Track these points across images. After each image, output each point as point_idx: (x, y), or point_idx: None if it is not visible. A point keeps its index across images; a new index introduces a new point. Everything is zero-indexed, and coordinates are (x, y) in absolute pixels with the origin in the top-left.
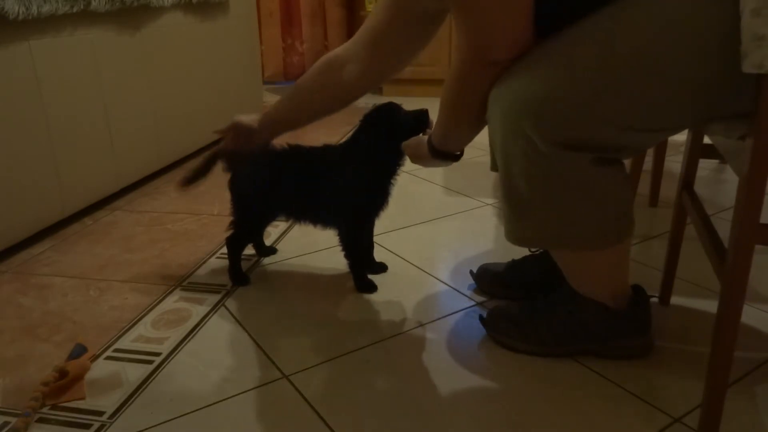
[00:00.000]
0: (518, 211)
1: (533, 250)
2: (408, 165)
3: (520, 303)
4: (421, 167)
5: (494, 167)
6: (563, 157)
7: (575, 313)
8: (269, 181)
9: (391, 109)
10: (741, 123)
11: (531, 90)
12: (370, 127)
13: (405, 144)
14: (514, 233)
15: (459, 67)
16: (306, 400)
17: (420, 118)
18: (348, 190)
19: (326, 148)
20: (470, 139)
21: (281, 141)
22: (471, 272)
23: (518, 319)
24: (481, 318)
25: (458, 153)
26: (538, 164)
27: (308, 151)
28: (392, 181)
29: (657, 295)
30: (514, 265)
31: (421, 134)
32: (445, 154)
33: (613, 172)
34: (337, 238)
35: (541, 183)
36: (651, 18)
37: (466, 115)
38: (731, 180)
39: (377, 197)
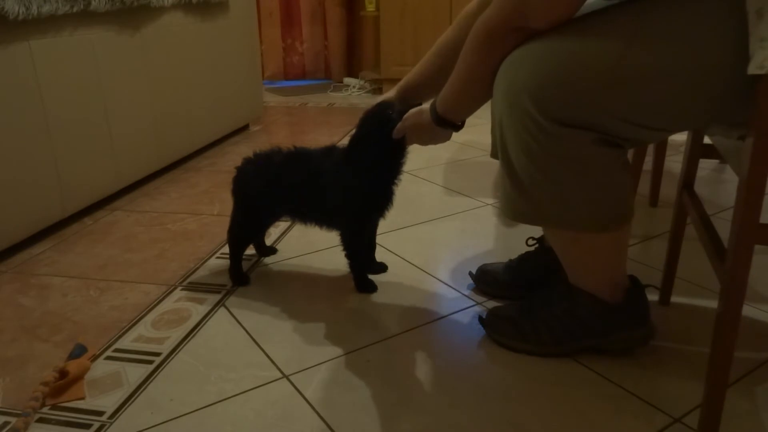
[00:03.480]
0: (517, 186)
1: (530, 244)
2: (409, 165)
3: (518, 303)
4: (421, 168)
5: (494, 155)
6: (564, 134)
7: (572, 311)
8: (272, 181)
9: (381, 109)
10: (741, 125)
11: (539, 68)
12: (364, 130)
13: (406, 115)
14: (513, 209)
15: (483, 31)
16: (306, 400)
17: None
18: (349, 192)
19: (329, 150)
20: (475, 109)
21: (286, 142)
22: (470, 273)
23: (517, 319)
24: (480, 318)
25: (459, 123)
26: (539, 139)
27: (311, 152)
28: (394, 183)
29: (656, 286)
30: (512, 265)
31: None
32: (448, 122)
33: (614, 154)
34: (339, 238)
35: (540, 158)
36: (670, 24)
37: (478, 83)
38: (731, 180)
39: (378, 200)
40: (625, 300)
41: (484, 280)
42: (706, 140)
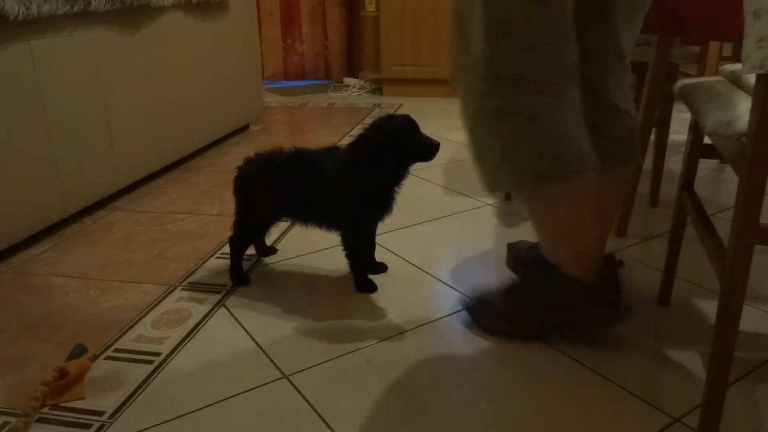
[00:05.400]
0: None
1: None
2: None
3: (499, 287)
4: (421, 168)
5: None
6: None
7: (546, 285)
8: (274, 182)
9: (404, 126)
10: None
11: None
12: (376, 137)
13: None
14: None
15: None
16: (306, 400)
17: (429, 149)
18: (349, 196)
19: (331, 151)
20: None
21: (286, 142)
22: (509, 245)
23: (497, 301)
24: (465, 305)
25: None
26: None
27: (313, 153)
28: (396, 189)
29: (622, 261)
30: (535, 246)
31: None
32: None
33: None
34: (339, 238)
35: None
36: None
37: None
38: (731, 180)
39: (379, 205)
40: (598, 279)
41: (513, 252)
42: (706, 140)
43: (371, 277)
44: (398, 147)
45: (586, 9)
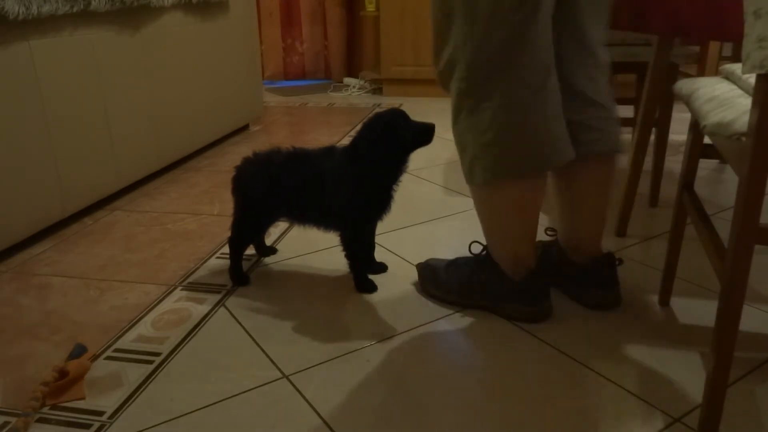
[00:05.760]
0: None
1: (550, 234)
2: (409, 164)
3: (448, 260)
4: (421, 167)
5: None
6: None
7: (478, 274)
8: (272, 182)
9: (393, 119)
10: None
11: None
12: (370, 136)
13: None
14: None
15: None
16: (306, 400)
17: (424, 133)
18: (348, 196)
19: (329, 151)
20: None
21: (286, 142)
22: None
23: (439, 269)
24: (418, 265)
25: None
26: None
27: (311, 153)
28: (394, 188)
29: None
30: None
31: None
32: None
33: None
34: (339, 238)
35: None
36: None
37: None
38: (731, 180)
39: (378, 204)
40: (524, 279)
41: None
42: (706, 140)
43: (371, 277)
44: (392, 141)
45: (554, 10)
